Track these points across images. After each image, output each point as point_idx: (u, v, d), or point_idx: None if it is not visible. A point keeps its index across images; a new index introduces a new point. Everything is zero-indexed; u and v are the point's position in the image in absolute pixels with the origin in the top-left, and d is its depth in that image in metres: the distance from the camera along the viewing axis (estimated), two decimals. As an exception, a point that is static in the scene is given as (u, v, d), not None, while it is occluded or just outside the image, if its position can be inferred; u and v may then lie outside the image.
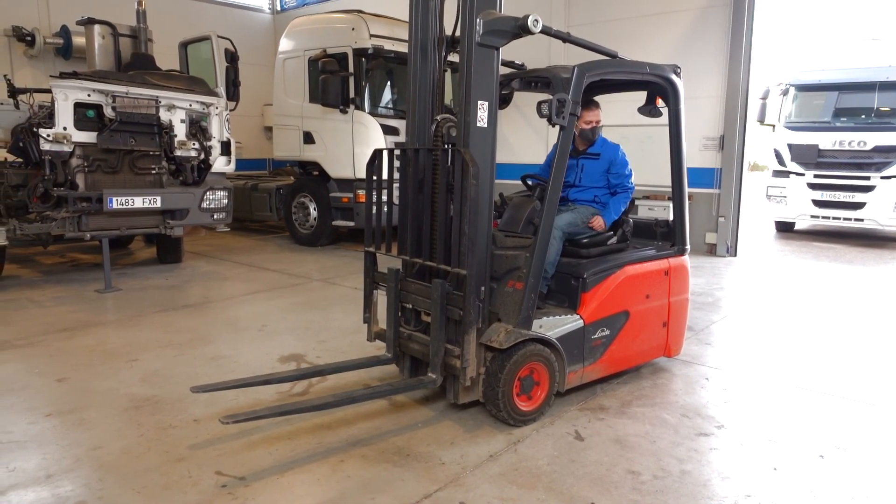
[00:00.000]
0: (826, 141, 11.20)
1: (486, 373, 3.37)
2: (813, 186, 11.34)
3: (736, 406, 3.82)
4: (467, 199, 3.18)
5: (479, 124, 3.29)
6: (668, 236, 4.45)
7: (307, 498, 2.73)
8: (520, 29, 3.27)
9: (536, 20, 3.25)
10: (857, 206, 10.85)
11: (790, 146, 11.59)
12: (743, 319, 5.93)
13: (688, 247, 4.37)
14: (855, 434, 3.45)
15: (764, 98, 11.79)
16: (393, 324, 3.71)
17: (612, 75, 3.80)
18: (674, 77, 4.10)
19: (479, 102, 3.27)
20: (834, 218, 11.23)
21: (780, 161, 11.73)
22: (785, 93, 11.93)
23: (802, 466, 3.08)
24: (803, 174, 11.44)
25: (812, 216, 11.49)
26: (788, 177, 11.61)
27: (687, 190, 4.31)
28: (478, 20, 3.19)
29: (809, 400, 3.95)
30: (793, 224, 12.35)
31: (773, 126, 11.98)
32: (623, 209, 4.16)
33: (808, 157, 11.35)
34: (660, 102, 4.27)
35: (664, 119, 4.27)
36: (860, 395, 4.02)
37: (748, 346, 5.11)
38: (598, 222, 4.04)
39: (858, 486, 2.91)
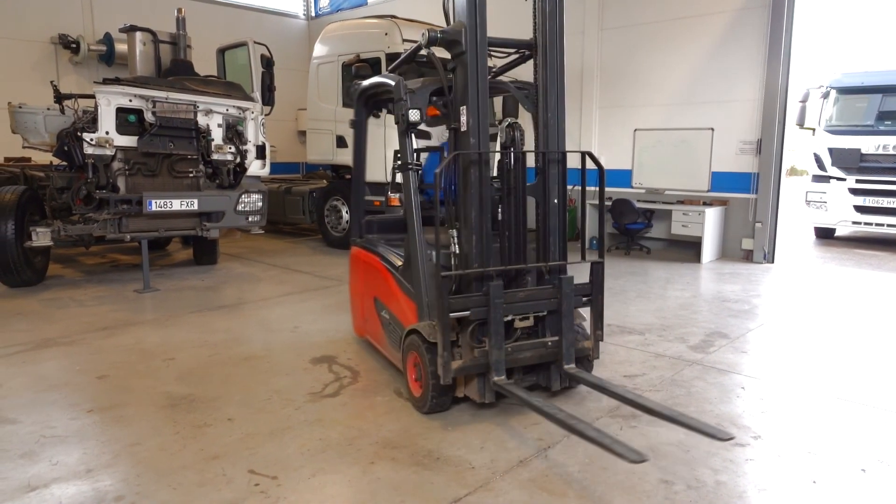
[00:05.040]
0: (869, 145, 10.90)
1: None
2: (855, 192, 11.04)
3: (773, 416, 3.73)
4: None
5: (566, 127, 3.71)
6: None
7: (338, 498, 2.76)
8: None
9: None
10: (902, 212, 10.53)
11: (831, 150, 11.29)
12: (780, 327, 5.78)
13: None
14: (899, 448, 3.34)
15: (803, 101, 11.52)
16: (501, 344, 3.51)
17: None
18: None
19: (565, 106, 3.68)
20: (877, 224, 10.90)
21: (821, 165, 11.44)
22: (825, 95, 11.64)
23: (843, 480, 2.99)
24: (844, 179, 11.14)
25: (854, 222, 11.16)
26: (829, 182, 11.32)
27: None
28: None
29: (850, 411, 3.83)
30: (833, 230, 12.01)
31: (813, 130, 11.69)
32: None
33: (850, 161, 11.05)
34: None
35: (699, 122, 4.26)
36: (905, 408, 3.89)
37: (786, 354, 4.98)
38: None
39: (903, 501, 2.82)
